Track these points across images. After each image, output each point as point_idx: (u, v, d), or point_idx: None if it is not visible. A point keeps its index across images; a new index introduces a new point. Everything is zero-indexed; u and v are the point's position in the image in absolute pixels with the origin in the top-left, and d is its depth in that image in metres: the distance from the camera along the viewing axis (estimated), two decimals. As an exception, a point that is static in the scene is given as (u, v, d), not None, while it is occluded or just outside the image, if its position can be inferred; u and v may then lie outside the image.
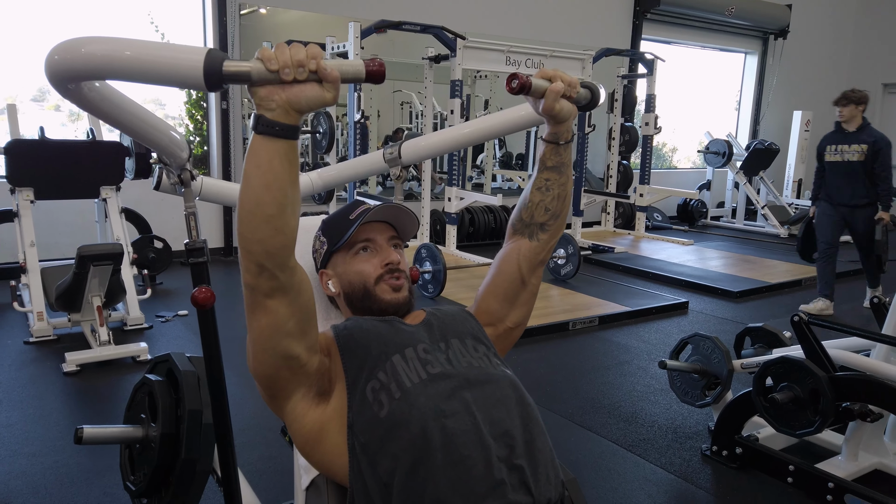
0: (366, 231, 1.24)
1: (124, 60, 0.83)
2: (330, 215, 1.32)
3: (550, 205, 1.25)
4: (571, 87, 1.11)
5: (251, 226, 0.92)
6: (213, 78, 0.81)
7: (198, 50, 0.81)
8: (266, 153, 0.88)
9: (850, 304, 5.10)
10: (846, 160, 4.61)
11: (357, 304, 1.23)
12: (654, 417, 2.93)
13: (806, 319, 2.32)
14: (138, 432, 1.48)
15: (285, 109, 0.85)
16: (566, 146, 1.21)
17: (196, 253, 1.34)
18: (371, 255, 1.24)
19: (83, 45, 0.84)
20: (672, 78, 8.94)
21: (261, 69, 0.82)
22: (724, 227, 8.62)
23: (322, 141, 5.69)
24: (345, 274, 1.24)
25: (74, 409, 2.94)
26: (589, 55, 6.43)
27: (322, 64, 0.83)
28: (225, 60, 0.81)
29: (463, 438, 1.00)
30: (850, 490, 2.20)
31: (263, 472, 2.37)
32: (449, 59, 5.66)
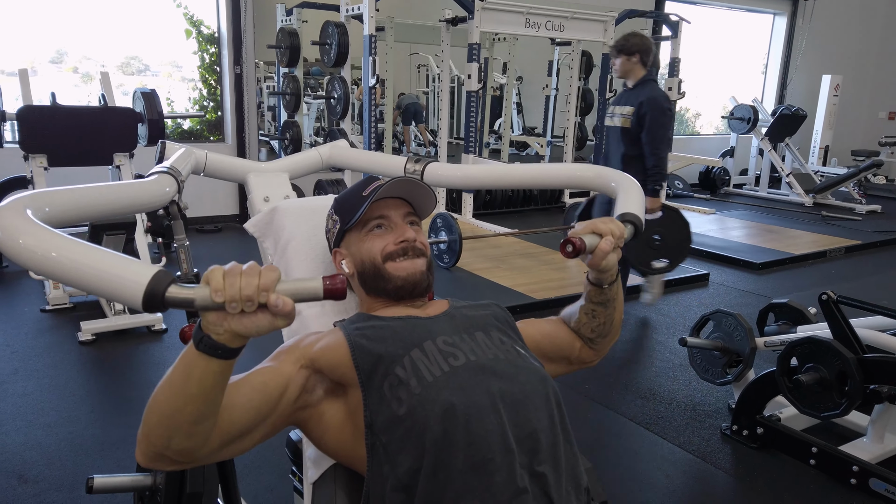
0: (380, 208, 1.18)
1: (60, 266, 0.77)
2: (342, 192, 1.25)
3: (597, 329, 1.24)
4: (619, 240, 1.11)
5: (159, 429, 0.86)
6: (154, 303, 0.75)
7: (144, 272, 0.76)
8: (199, 370, 0.81)
9: (877, 276, 4.98)
10: (613, 125, 3.62)
11: (370, 283, 1.17)
12: (673, 395, 2.88)
13: (835, 298, 2.23)
14: (147, 480, 1.47)
15: (233, 336, 0.79)
16: (611, 286, 1.19)
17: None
18: (385, 233, 1.17)
19: (21, 235, 0.78)
20: (697, 40, 8.65)
21: (206, 298, 0.76)
22: (747, 195, 8.44)
23: (336, 107, 5.59)
24: (357, 253, 1.18)
25: (90, 378, 2.95)
26: (611, 17, 6.21)
27: (272, 299, 0.76)
28: (171, 286, 0.75)
29: (487, 440, 0.94)
30: (876, 474, 2.14)
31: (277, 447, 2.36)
32: (466, 22, 5.50)
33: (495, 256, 4.99)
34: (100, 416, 2.59)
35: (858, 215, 7.24)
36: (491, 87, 8.32)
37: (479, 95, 5.84)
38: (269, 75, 8.22)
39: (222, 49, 6.13)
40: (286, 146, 6.24)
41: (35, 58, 7.17)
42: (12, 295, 3.95)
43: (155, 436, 0.86)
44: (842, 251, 5.57)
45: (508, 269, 4.64)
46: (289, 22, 6.16)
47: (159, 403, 0.85)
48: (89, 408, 2.65)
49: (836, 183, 7.78)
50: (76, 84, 7.42)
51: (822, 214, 7.19)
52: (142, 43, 7.29)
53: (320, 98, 6.70)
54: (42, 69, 7.29)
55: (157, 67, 7.92)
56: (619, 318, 1.26)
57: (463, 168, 1.60)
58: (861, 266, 5.28)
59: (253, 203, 1.52)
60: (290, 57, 5.95)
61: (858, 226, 6.66)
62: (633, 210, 1.21)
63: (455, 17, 5.77)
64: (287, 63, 6.01)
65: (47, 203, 0.88)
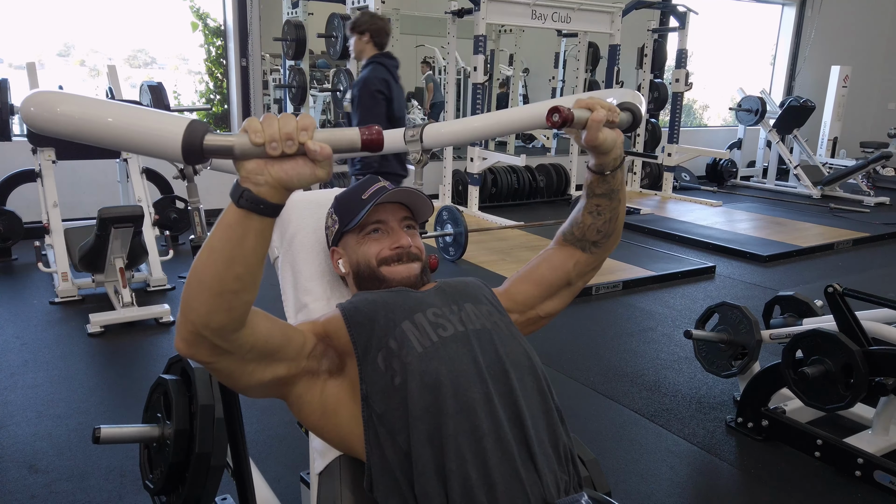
0: (378, 212, 1.21)
1: (98, 127, 0.77)
2: (343, 192, 1.28)
3: (602, 227, 1.21)
4: (612, 113, 1.04)
5: (201, 298, 0.84)
6: (193, 152, 0.75)
7: (179, 122, 0.75)
8: (241, 228, 0.80)
9: (885, 269, 4.95)
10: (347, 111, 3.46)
11: (365, 284, 1.21)
12: (678, 387, 2.88)
13: (840, 290, 2.23)
14: (154, 431, 1.48)
15: (274, 187, 0.78)
16: (613, 174, 1.14)
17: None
18: (382, 237, 1.21)
19: (58, 103, 0.78)
20: (705, 32, 8.59)
21: (245, 143, 0.75)
22: (755, 187, 8.40)
23: (342, 99, 5.58)
24: (354, 254, 1.22)
25: (99, 370, 2.97)
26: (618, 8, 6.18)
27: (311, 144, 0.75)
28: (207, 134, 0.75)
29: (474, 407, 0.98)
30: (880, 466, 2.14)
31: (284, 438, 2.38)
32: (473, 14, 5.49)
33: (501, 249, 5.00)
34: (108, 407, 2.61)
35: (867, 207, 7.19)
36: (497, 79, 8.30)
37: (484, 87, 5.83)
38: (276, 68, 8.22)
39: (228, 42, 6.14)
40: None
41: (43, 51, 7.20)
42: (22, 287, 3.98)
43: (195, 311, 0.85)
44: (849, 244, 5.54)
45: (514, 261, 4.64)
46: (295, 14, 6.16)
47: (199, 272, 0.84)
48: (98, 399, 2.68)
49: (844, 175, 7.73)
50: (84, 78, 7.44)
51: (830, 207, 7.15)
52: (149, 36, 7.31)
53: (326, 91, 6.70)
54: (50, 62, 7.32)
55: (164, 60, 7.94)
56: (623, 212, 1.21)
57: (457, 123, 1.59)
58: (869, 258, 5.25)
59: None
60: (296, 49, 5.95)
61: (867, 218, 6.62)
62: (630, 100, 1.14)
63: (461, 8, 5.76)
64: (293, 56, 6.01)
65: (60, 102, 0.83)
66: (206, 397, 1.41)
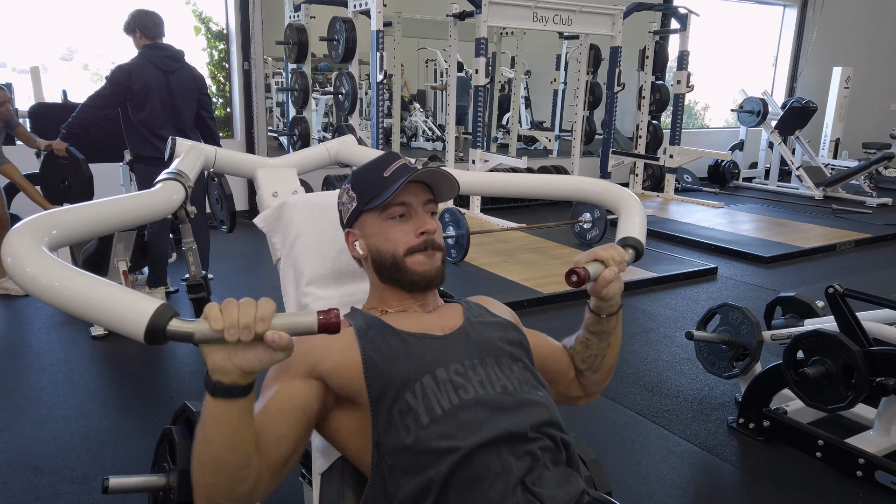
0: (401, 193, 1.11)
1: (64, 298, 0.81)
2: (361, 167, 1.18)
3: (588, 360, 1.24)
4: (621, 265, 1.13)
5: (216, 485, 0.89)
6: (156, 338, 0.80)
7: (145, 307, 0.79)
8: (228, 416, 0.86)
9: (887, 270, 4.95)
10: None
11: (385, 273, 1.14)
12: (680, 388, 2.89)
13: (841, 291, 2.23)
14: (161, 481, 1.51)
15: (240, 374, 0.83)
16: (608, 318, 1.19)
17: (195, 289, 1.31)
18: (404, 221, 1.12)
19: (28, 263, 0.81)
20: (706, 33, 8.59)
21: (205, 329, 0.80)
22: (757, 188, 8.39)
23: (345, 102, 5.61)
24: (374, 238, 1.13)
25: (103, 373, 2.99)
26: (619, 10, 6.20)
27: (268, 336, 0.79)
28: (172, 320, 0.79)
29: (489, 479, 0.96)
30: (882, 466, 2.15)
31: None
32: (474, 16, 5.50)
33: (503, 251, 5.01)
34: (113, 410, 2.63)
35: (869, 208, 7.19)
36: (499, 81, 8.31)
37: (486, 90, 5.84)
38: (278, 71, 8.25)
39: (231, 46, 6.16)
40: (295, 142, 6.27)
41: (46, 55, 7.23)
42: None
43: (213, 494, 0.90)
44: (851, 244, 5.54)
45: (516, 263, 4.66)
46: (297, 18, 6.19)
47: (204, 463, 0.89)
48: (102, 401, 2.69)
49: (846, 176, 7.72)
50: (87, 82, 7.47)
51: (833, 208, 7.15)
52: (151, 40, 7.33)
53: (328, 94, 6.72)
54: (53, 66, 7.35)
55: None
56: (612, 358, 1.25)
57: (466, 174, 1.61)
58: (871, 259, 5.25)
59: (262, 198, 1.54)
60: (299, 53, 5.97)
61: (869, 219, 6.62)
62: (634, 234, 1.27)
63: (462, 11, 5.77)
64: (295, 59, 6.04)
65: (55, 226, 0.92)
66: None
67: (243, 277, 4.45)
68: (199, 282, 1.31)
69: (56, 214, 0.94)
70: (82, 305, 0.81)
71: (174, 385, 2.86)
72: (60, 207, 0.98)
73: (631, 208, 1.35)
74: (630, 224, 1.31)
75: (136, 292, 0.83)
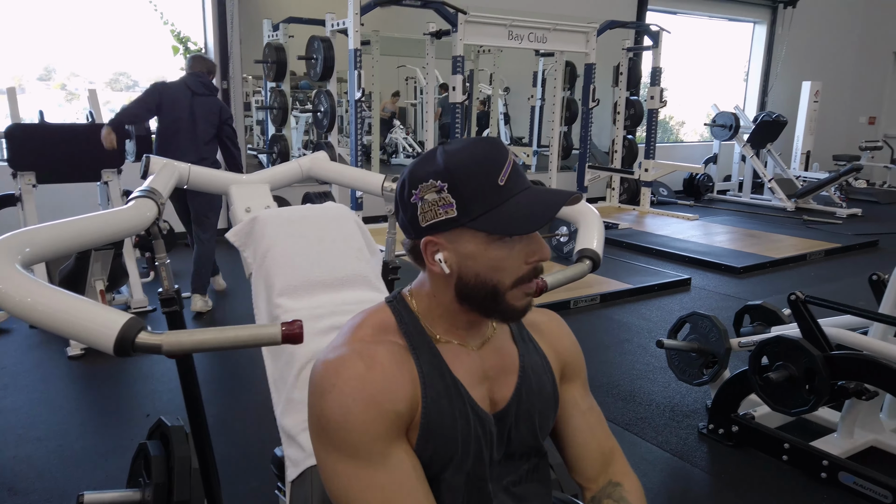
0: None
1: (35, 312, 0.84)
2: (459, 161, 0.87)
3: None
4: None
5: None
6: (125, 350, 0.83)
7: (116, 318, 0.83)
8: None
9: (855, 279, 5.07)
10: None
11: (474, 300, 0.90)
12: (653, 396, 2.94)
13: (803, 298, 2.31)
14: (136, 496, 1.53)
15: None
16: None
17: (168, 303, 1.34)
18: (514, 243, 0.88)
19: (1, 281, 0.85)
20: (679, 50, 8.80)
21: (173, 341, 0.85)
22: (731, 201, 8.56)
23: (323, 120, 5.66)
24: (472, 261, 0.88)
25: (79, 392, 2.98)
26: (593, 28, 6.34)
27: None
28: (140, 333, 0.84)
29: None
30: (844, 467, 2.21)
31: (263, 454, 2.41)
32: (450, 35, 5.60)
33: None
34: (89, 429, 2.62)
35: (839, 219, 7.36)
36: (477, 98, 8.42)
37: (464, 106, 5.93)
38: (258, 90, 8.28)
39: (209, 65, 6.19)
40: (274, 159, 6.30)
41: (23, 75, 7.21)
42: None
43: None
44: (822, 254, 5.67)
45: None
46: (275, 37, 6.25)
47: None
48: (79, 421, 2.69)
49: (817, 187, 7.91)
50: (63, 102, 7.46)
51: (804, 219, 7.32)
52: (130, 59, 7.35)
53: (308, 111, 6.77)
54: (30, 87, 7.33)
55: (146, 83, 7.98)
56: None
57: None
58: (840, 268, 5.38)
59: (235, 214, 1.58)
60: (277, 71, 6.03)
61: (839, 229, 6.78)
62: (592, 246, 1.33)
63: (439, 30, 5.87)
64: (274, 77, 6.09)
65: (27, 243, 0.94)
66: (182, 450, 1.48)
67: (221, 295, 4.45)
68: (171, 296, 1.34)
69: (29, 232, 0.97)
70: (54, 319, 0.83)
71: (151, 403, 2.86)
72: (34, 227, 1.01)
73: (589, 221, 1.41)
74: (588, 236, 1.37)
75: (107, 306, 0.87)
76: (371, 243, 1.52)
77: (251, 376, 3.11)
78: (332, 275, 1.39)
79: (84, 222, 1.08)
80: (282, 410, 1.28)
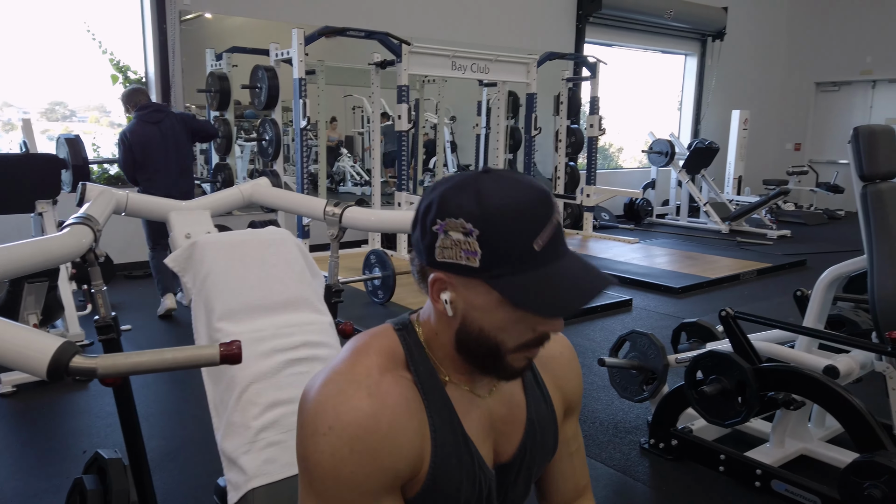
0: None
1: None
2: (498, 208, 0.77)
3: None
4: None
5: None
6: (58, 373, 0.83)
7: (49, 343, 0.83)
8: None
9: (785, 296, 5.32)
10: None
11: (473, 355, 0.84)
12: (597, 414, 3.01)
13: (733, 314, 2.42)
14: None
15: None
16: None
17: (105, 330, 1.34)
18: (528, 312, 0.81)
19: None
20: (616, 80, 9.15)
21: (108, 364, 0.86)
22: (669, 224, 8.87)
23: (268, 148, 5.64)
24: (479, 314, 0.81)
25: (11, 431, 2.85)
26: (533, 59, 6.55)
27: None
28: (75, 357, 0.83)
29: None
30: (777, 476, 2.31)
31: (207, 487, 2.35)
32: (395, 65, 5.69)
33: (429, 291, 5.08)
34: (21, 468, 2.51)
35: (770, 240, 7.72)
36: (423, 126, 8.54)
37: (409, 135, 6.01)
38: (201, 119, 8.20)
39: (151, 94, 6.11)
40: (218, 189, 6.22)
41: (-49, 104, 6.95)
42: (-75, 349, 3.78)
43: None
44: (754, 273, 5.94)
45: (442, 302, 4.74)
46: (218, 66, 6.22)
47: None
48: (11, 460, 2.57)
49: (748, 211, 8.29)
50: (-3, 132, 7.21)
51: (738, 240, 7.65)
52: (67, 88, 7.17)
53: (252, 140, 6.73)
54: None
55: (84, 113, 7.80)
56: None
57: (378, 213, 1.71)
58: (771, 287, 5.64)
59: (175, 240, 1.58)
60: (221, 100, 5.99)
61: (770, 250, 7.11)
62: None
63: (384, 60, 5.96)
64: (217, 107, 6.05)
65: None
66: (120, 483, 1.45)
67: (164, 324, 4.34)
68: (108, 323, 1.33)
69: None
70: None
71: (88, 439, 2.76)
72: None
73: None
74: None
75: (40, 331, 0.86)
76: (313, 266, 1.54)
77: (195, 408, 3.04)
78: (274, 298, 1.40)
79: (16, 249, 1.07)
80: (223, 434, 1.27)
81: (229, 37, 6.56)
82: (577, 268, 0.80)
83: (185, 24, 6.15)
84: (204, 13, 6.28)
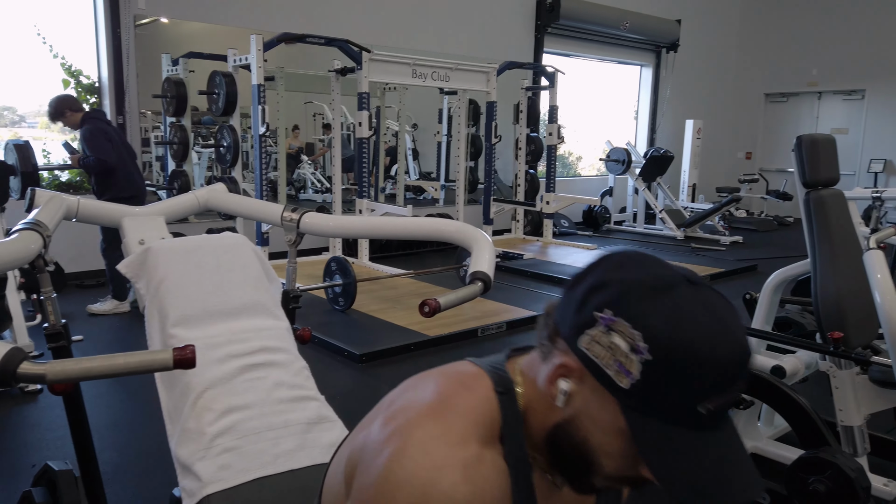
0: None
1: None
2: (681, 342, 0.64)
3: None
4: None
5: None
6: (6, 378, 0.82)
7: None
8: None
9: (737, 300, 5.48)
10: None
11: (559, 457, 0.74)
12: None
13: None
14: None
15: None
16: None
17: (55, 338, 1.31)
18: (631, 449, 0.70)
19: None
20: (574, 89, 9.33)
21: (58, 370, 0.86)
22: (627, 230, 9.06)
23: (226, 155, 5.57)
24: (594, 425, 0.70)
25: (-46, 445, 2.75)
26: (493, 68, 6.62)
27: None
28: (23, 363, 0.83)
29: None
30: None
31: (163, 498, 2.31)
32: (355, 72, 5.69)
33: (391, 297, 5.09)
34: (-35, 484, 2.43)
35: (723, 246, 7.95)
36: (384, 134, 8.55)
37: (370, 142, 6.01)
38: (157, 125, 8.04)
39: (104, 99, 5.99)
40: (174, 196, 6.11)
41: None
42: None
43: None
44: (708, 278, 6.09)
45: (403, 308, 4.75)
46: (175, 72, 6.12)
47: None
48: (-47, 476, 2.48)
49: (702, 217, 8.52)
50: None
51: (692, 246, 7.85)
52: (16, 93, 6.97)
53: (210, 146, 6.64)
54: None
55: (34, 118, 7.58)
56: None
57: (336, 219, 1.72)
58: (724, 290, 5.59)
59: (128, 246, 1.55)
60: (177, 106, 5.90)
61: (723, 255, 7.32)
62: (483, 269, 1.40)
63: (344, 67, 5.96)
64: (174, 113, 5.95)
65: None
66: (70, 496, 1.42)
67: (117, 334, 4.24)
68: (58, 330, 1.30)
69: None
70: None
71: (38, 453, 2.68)
72: None
73: (481, 245, 1.50)
74: (480, 260, 1.45)
75: None
76: (270, 271, 1.54)
77: (148, 419, 2.98)
78: (229, 304, 1.40)
79: None
80: (177, 441, 1.26)
81: (186, 42, 6.47)
82: (730, 452, 0.67)
83: (140, 28, 6.04)
84: (160, 18, 6.18)
